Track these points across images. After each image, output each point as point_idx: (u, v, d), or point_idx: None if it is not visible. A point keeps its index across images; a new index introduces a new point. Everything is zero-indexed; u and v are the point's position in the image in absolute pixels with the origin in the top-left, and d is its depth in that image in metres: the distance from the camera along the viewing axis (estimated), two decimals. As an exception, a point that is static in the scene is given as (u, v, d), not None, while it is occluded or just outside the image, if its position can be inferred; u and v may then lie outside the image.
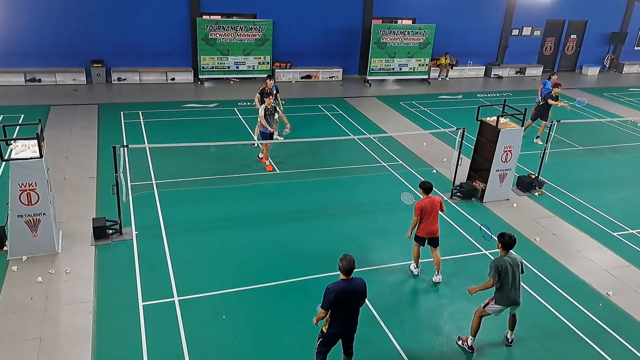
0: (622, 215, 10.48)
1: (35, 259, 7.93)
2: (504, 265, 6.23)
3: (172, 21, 18.24)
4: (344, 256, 5.46)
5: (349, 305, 5.50)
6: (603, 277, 8.42)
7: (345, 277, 5.44)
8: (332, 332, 5.61)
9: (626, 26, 24.66)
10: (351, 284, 5.44)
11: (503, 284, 6.30)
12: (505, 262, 6.25)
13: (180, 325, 6.78)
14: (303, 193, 10.70)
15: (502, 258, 6.30)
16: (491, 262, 6.35)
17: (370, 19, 20.37)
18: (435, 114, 16.63)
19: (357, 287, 5.49)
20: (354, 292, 5.46)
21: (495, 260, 6.32)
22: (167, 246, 8.52)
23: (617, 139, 15.32)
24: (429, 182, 7.89)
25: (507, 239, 6.27)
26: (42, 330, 6.56)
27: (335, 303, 5.39)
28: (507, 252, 6.33)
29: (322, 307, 5.44)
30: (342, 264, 5.40)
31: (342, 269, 5.41)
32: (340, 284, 5.42)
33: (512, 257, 6.32)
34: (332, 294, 5.35)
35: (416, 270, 8.18)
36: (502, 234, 6.35)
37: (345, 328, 5.63)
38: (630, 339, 7.05)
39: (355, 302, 5.53)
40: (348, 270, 5.39)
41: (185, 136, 13.36)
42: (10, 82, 16.87)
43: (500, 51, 23.03)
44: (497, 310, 6.49)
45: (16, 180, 7.48)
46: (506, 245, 6.28)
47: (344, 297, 5.39)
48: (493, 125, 10.36)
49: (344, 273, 5.42)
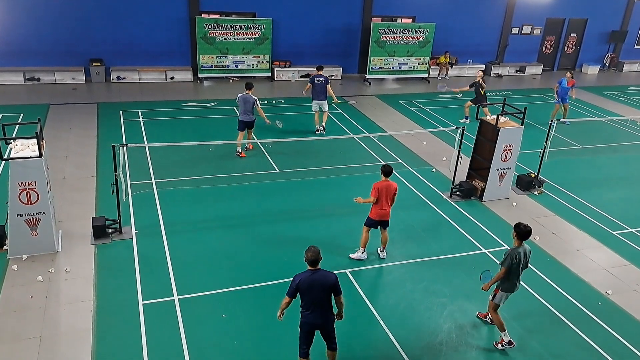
0: (622, 214, 10.49)
1: (35, 258, 7.93)
2: (518, 257, 6.37)
3: (171, 20, 18.23)
4: (309, 248, 5.60)
5: (316, 295, 5.58)
6: (602, 276, 8.43)
7: (311, 268, 5.59)
8: (303, 322, 5.74)
9: (626, 25, 24.65)
10: (317, 274, 5.57)
11: (511, 273, 6.44)
12: (519, 254, 6.38)
13: (180, 324, 6.78)
14: (302, 192, 10.70)
15: (517, 249, 6.41)
16: (506, 252, 6.46)
17: (370, 17, 20.36)
18: (434, 113, 16.63)
19: (323, 278, 5.58)
20: (320, 283, 5.55)
21: (511, 250, 6.43)
22: (166, 245, 8.52)
23: (617, 138, 15.32)
24: (389, 165, 8.07)
25: (522, 228, 6.35)
26: (42, 330, 6.56)
27: (301, 292, 5.56)
28: (521, 242, 6.43)
29: (286, 293, 5.62)
30: (307, 255, 5.57)
31: (306, 259, 5.57)
32: (306, 273, 5.58)
33: (524, 248, 6.47)
34: (295, 282, 5.56)
35: (363, 255, 8.30)
36: (517, 224, 6.42)
37: (315, 319, 5.69)
38: (630, 337, 7.05)
39: (322, 293, 5.59)
40: (313, 261, 5.54)
41: (184, 135, 13.36)
42: (10, 81, 16.87)
43: (500, 50, 23.03)
44: (505, 297, 6.63)
45: (16, 179, 7.48)
46: (521, 235, 6.37)
47: (308, 286, 5.53)
48: (493, 124, 10.36)
49: (309, 264, 5.58)
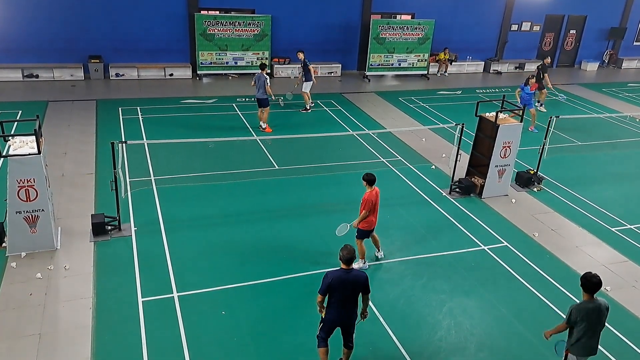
0: (621, 210, 10.50)
1: (34, 255, 7.93)
2: (589, 313, 5.30)
3: (170, 16, 18.18)
4: (345, 246, 5.63)
5: (346, 293, 5.61)
6: (601, 273, 8.31)
7: (345, 267, 5.60)
8: (328, 318, 5.78)
9: (625, 21, 24.61)
10: (350, 273, 5.59)
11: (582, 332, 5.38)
12: (590, 310, 5.31)
13: (179, 321, 6.79)
14: (302, 189, 10.70)
15: (586, 304, 5.33)
16: (571, 307, 5.46)
17: (369, 14, 20.32)
18: (434, 110, 16.62)
19: (355, 278, 5.62)
20: (352, 282, 5.59)
21: (577, 305, 5.40)
22: (166, 242, 8.52)
23: (615, 135, 15.32)
24: (372, 174, 7.80)
25: (589, 279, 5.24)
26: (41, 327, 6.56)
27: (332, 289, 5.57)
28: (591, 296, 5.34)
29: (318, 291, 5.64)
30: (343, 253, 5.57)
31: (342, 258, 5.58)
32: (339, 272, 5.60)
33: (598, 303, 5.36)
34: (329, 278, 5.56)
35: (365, 266, 8.19)
36: (584, 275, 5.34)
37: (340, 317, 5.74)
38: (629, 334, 7.07)
39: (352, 292, 5.63)
40: (348, 259, 5.55)
41: (183, 132, 13.33)
42: (8, 78, 16.83)
43: (500, 46, 23.00)
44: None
45: (14, 176, 7.47)
46: (587, 287, 5.30)
47: (340, 284, 5.55)
48: (492, 120, 10.36)
49: (344, 262, 5.58)
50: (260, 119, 13.86)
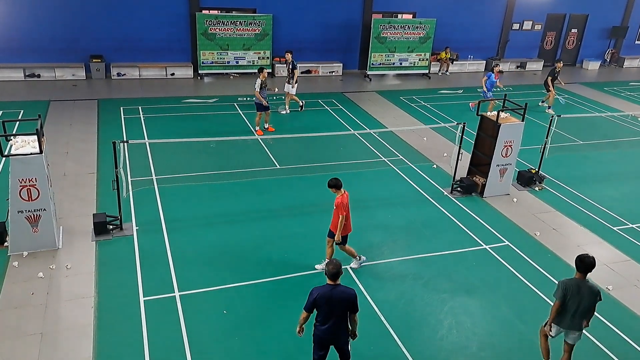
0: (622, 209, 10.48)
1: (36, 254, 7.94)
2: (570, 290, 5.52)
3: (172, 16, 18.18)
4: (331, 260, 5.37)
5: (332, 310, 5.30)
6: (603, 272, 8.43)
7: (331, 282, 5.30)
8: (317, 334, 5.50)
9: (627, 20, 24.57)
10: (336, 289, 5.28)
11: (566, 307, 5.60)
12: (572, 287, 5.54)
13: (181, 320, 6.80)
14: (303, 188, 10.70)
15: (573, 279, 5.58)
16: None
17: (371, 13, 20.31)
18: (435, 109, 16.60)
19: (343, 295, 5.29)
20: (339, 299, 5.27)
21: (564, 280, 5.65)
22: (167, 241, 8.53)
23: (617, 134, 15.29)
24: (337, 178, 7.52)
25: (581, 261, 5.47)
26: (43, 326, 6.57)
27: (317, 306, 5.30)
28: (583, 276, 5.55)
29: (304, 307, 5.38)
30: (328, 268, 5.28)
31: (327, 273, 5.28)
32: (325, 288, 5.30)
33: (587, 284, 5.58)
34: (313, 296, 5.28)
35: (362, 260, 8.11)
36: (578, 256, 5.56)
37: (328, 334, 5.43)
38: (630, 332, 7.06)
39: (339, 309, 5.32)
40: (334, 274, 5.25)
41: (185, 132, 13.34)
42: (10, 78, 16.86)
43: (501, 46, 22.97)
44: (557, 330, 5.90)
45: (16, 176, 7.49)
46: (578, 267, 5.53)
47: (326, 301, 5.25)
48: (493, 120, 10.35)
49: (329, 277, 5.28)
50: (257, 125, 13.55)
